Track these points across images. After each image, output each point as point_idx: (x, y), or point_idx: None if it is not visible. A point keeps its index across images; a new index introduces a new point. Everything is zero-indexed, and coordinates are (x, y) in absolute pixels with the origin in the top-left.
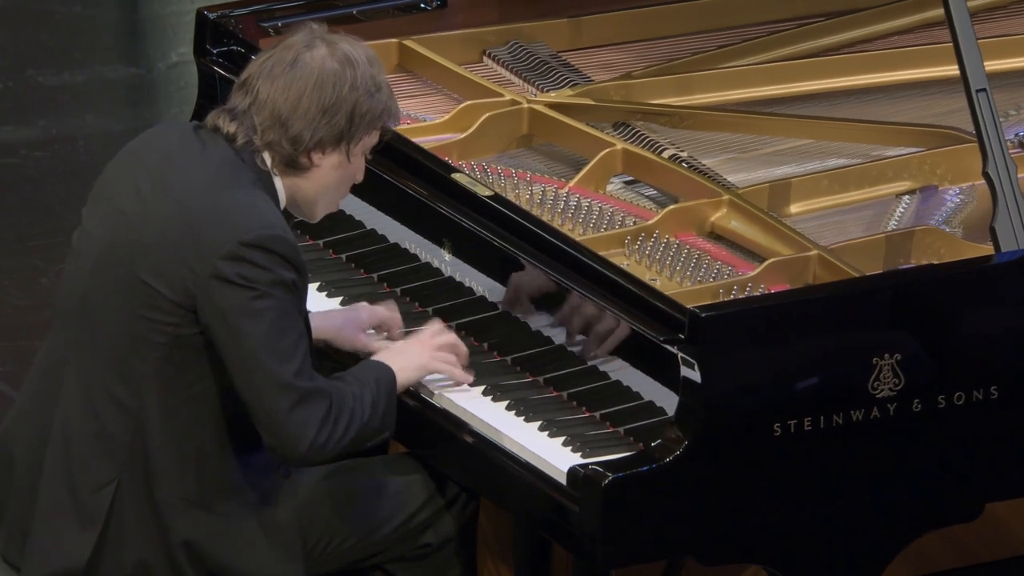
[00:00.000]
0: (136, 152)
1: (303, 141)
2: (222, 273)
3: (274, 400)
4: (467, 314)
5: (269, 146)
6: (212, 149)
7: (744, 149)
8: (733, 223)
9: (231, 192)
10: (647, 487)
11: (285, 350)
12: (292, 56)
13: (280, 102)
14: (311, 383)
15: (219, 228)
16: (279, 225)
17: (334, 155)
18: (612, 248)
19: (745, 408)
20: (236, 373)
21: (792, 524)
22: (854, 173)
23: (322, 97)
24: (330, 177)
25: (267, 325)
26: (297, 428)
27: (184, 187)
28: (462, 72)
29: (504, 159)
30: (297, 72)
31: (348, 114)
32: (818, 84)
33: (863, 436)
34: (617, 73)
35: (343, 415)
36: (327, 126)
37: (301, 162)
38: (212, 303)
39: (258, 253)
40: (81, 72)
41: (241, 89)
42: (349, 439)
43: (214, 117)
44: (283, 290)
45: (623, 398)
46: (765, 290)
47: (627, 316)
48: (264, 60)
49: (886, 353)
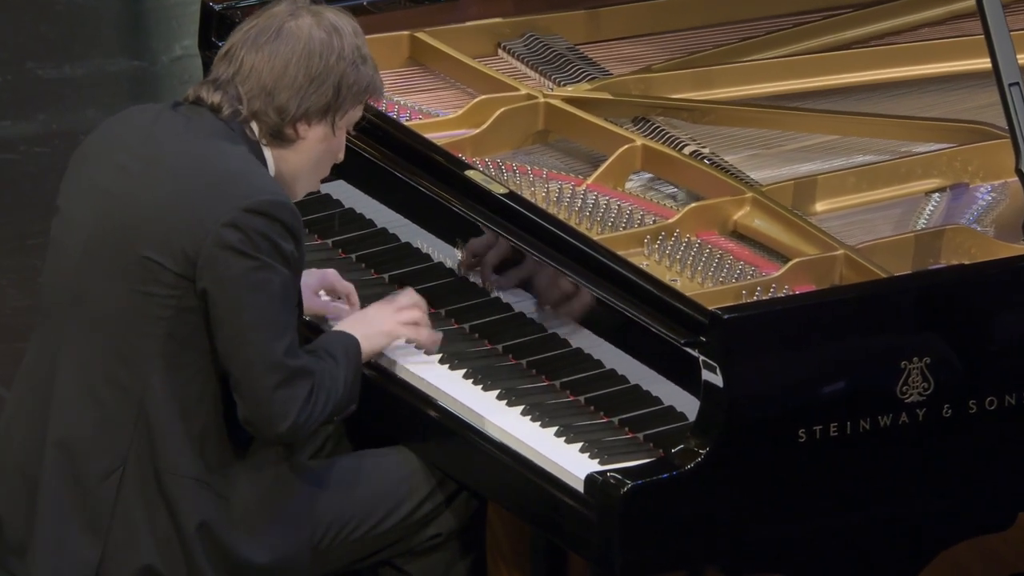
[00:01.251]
0: (106, 138)
1: (289, 111)
2: (225, 240)
3: (262, 377)
4: (480, 316)
5: (255, 115)
6: (197, 121)
7: (768, 145)
8: (756, 222)
9: (227, 160)
10: (667, 495)
11: (280, 326)
12: (277, 24)
13: (265, 71)
14: (298, 362)
15: (220, 194)
16: (278, 191)
17: (320, 127)
18: (631, 248)
19: (769, 413)
20: (226, 342)
21: (818, 534)
22: (882, 170)
23: (309, 66)
24: (315, 150)
25: (266, 299)
26: (280, 407)
27: (176, 159)
28: (476, 66)
29: (519, 155)
30: (283, 41)
31: (335, 84)
32: (845, 78)
33: (891, 442)
34: (636, 66)
35: (321, 393)
36: (314, 95)
37: (287, 133)
38: (213, 271)
39: (260, 219)
40: (82, 65)
41: (224, 59)
42: (324, 416)
43: (196, 89)
44: (282, 261)
45: (642, 403)
46: (789, 291)
47: (647, 318)
48: (247, 29)
49: (915, 356)
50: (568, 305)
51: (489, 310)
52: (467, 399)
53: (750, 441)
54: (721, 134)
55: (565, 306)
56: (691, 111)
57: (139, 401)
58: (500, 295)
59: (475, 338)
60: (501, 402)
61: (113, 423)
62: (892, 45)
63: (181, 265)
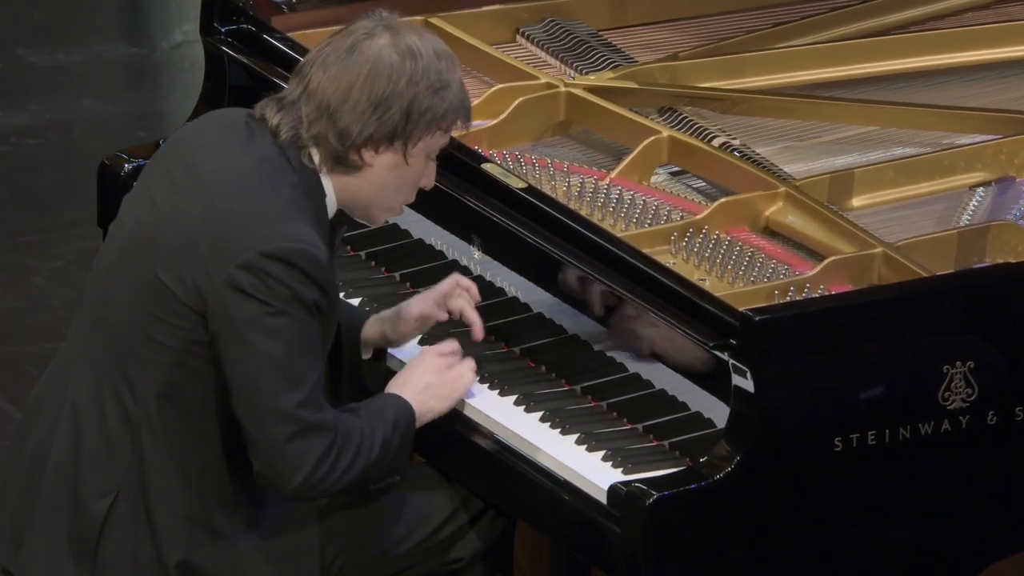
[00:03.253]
0: (183, 138)
1: (350, 136)
2: (236, 282)
3: (272, 427)
4: (498, 316)
5: (316, 140)
6: (256, 144)
7: (802, 137)
8: (790, 218)
9: (263, 196)
10: (695, 507)
11: (295, 376)
12: (350, 43)
13: (330, 92)
14: (316, 415)
15: (241, 233)
16: (307, 239)
17: (388, 154)
18: (657, 245)
19: (803, 420)
20: (236, 389)
21: (855, 549)
22: (923, 163)
23: (374, 89)
24: (384, 178)
25: (280, 345)
26: (292, 461)
27: (215, 183)
28: (493, 53)
29: (539, 148)
30: (352, 61)
31: (404, 110)
32: (884, 65)
33: (932, 451)
34: (663, 54)
35: (347, 452)
36: (377, 121)
37: (351, 159)
38: (224, 311)
39: (278, 266)
40: (77, 52)
41: (296, 77)
42: (351, 478)
43: (263, 106)
44: (302, 309)
45: (668, 409)
46: (825, 291)
47: (673, 319)
48: (323, 46)
49: (958, 361)
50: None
51: (506, 311)
52: (482, 405)
53: (783, 450)
54: (752, 125)
55: (587, 307)
56: (720, 101)
57: (137, 429)
58: (518, 295)
59: (491, 340)
60: (519, 408)
61: (113, 445)
62: (934, 30)
63: (192, 297)
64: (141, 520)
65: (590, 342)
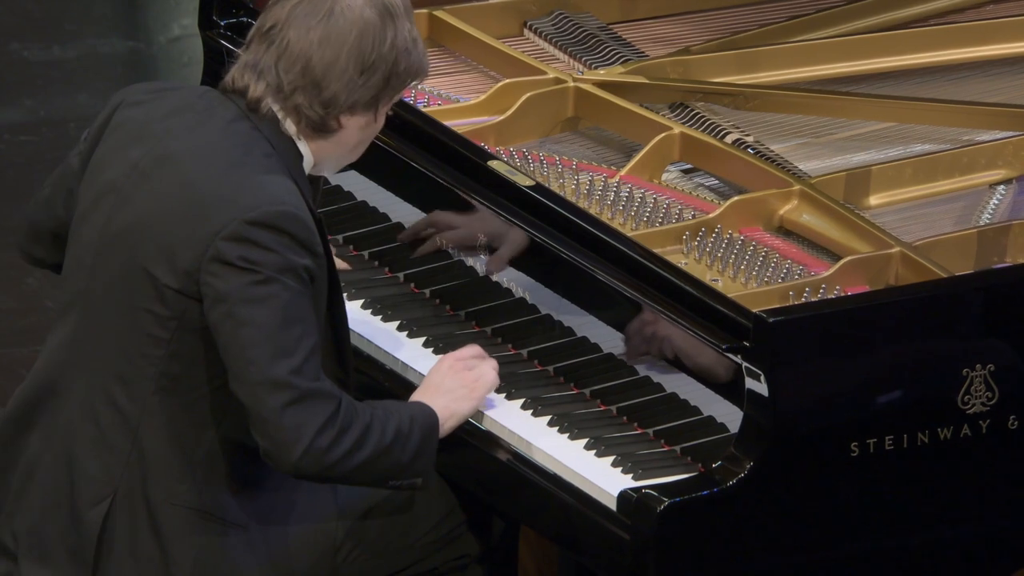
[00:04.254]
0: (127, 123)
1: (336, 104)
2: (224, 255)
3: (267, 398)
4: (504, 318)
5: (296, 110)
6: (221, 116)
7: (818, 133)
8: (805, 217)
9: (238, 167)
10: (707, 513)
11: (286, 344)
12: (328, 5)
13: (315, 59)
14: (313, 384)
15: (222, 205)
16: (291, 201)
17: (362, 116)
18: (668, 245)
19: (818, 425)
20: (231, 366)
21: (872, 556)
22: (942, 160)
23: (362, 56)
24: (355, 138)
25: (269, 314)
26: (291, 431)
27: (187, 165)
28: (500, 47)
29: (547, 144)
30: (334, 24)
31: (386, 74)
32: (902, 60)
33: (952, 457)
34: (674, 48)
35: (353, 428)
36: (363, 87)
37: (330, 125)
38: (213, 288)
39: (264, 232)
40: (72, 46)
41: (265, 39)
42: (361, 460)
43: (239, 74)
44: (292, 277)
45: (680, 413)
46: (841, 292)
47: (685, 321)
48: (293, 6)
49: (978, 363)
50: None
51: (513, 312)
52: (488, 409)
53: (798, 455)
54: (766, 121)
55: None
56: (734, 96)
57: (136, 427)
58: (526, 296)
59: (498, 342)
60: (526, 412)
61: (108, 448)
62: (954, 24)
63: (182, 282)
64: (142, 518)
65: (599, 344)
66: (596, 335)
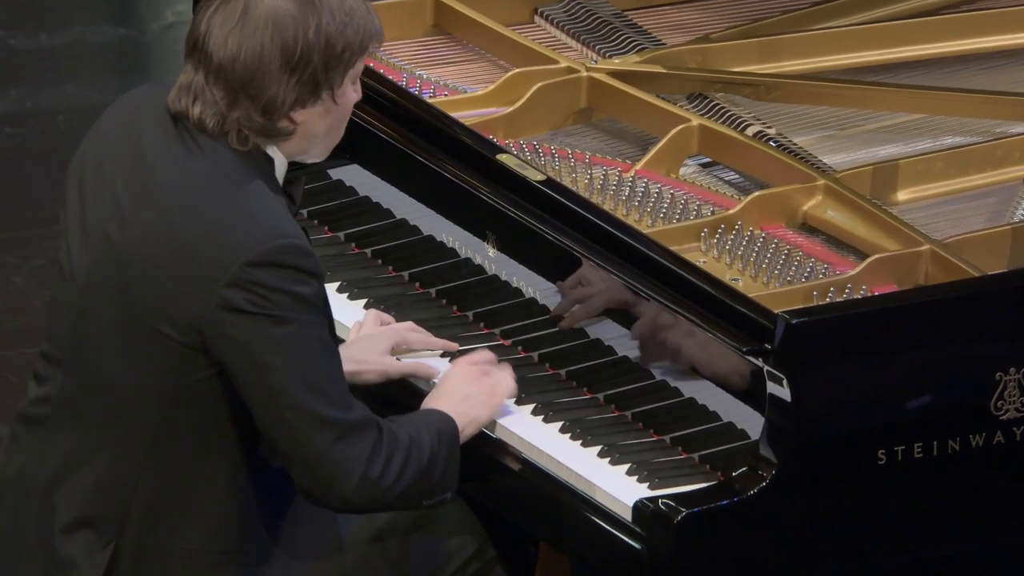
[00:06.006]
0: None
1: (275, 107)
2: (231, 303)
3: (313, 439)
4: (514, 319)
5: (238, 123)
6: (190, 141)
7: (843, 125)
8: (830, 213)
9: (223, 197)
10: (727, 524)
11: (318, 380)
12: (241, 5)
13: (238, 68)
14: (351, 414)
15: (216, 249)
16: (285, 230)
17: (316, 106)
18: (686, 242)
19: (843, 431)
20: (261, 412)
21: (900, 569)
22: (974, 154)
23: (286, 51)
24: (319, 127)
25: (294, 355)
26: (341, 466)
27: (169, 201)
28: (510, 35)
29: (559, 137)
30: (249, 26)
31: (323, 59)
32: (932, 48)
33: (983, 465)
34: (693, 35)
35: (396, 456)
36: (299, 83)
37: (281, 128)
38: (226, 337)
39: (268, 272)
40: (61, 34)
41: (193, 55)
42: (405, 486)
43: (175, 100)
44: (306, 308)
45: (698, 419)
46: (867, 292)
47: (704, 323)
48: (211, 14)
49: (1012, 367)
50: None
51: (524, 313)
52: (498, 414)
53: (822, 463)
54: (789, 113)
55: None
56: (755, 87)
57: (136, 480)
58: (536, 296)
59: (508, 345)
60: (537, 417)
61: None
62: (987, 9)
63: (185, 334)
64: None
65: (613, 347)
66: (610, 337)
